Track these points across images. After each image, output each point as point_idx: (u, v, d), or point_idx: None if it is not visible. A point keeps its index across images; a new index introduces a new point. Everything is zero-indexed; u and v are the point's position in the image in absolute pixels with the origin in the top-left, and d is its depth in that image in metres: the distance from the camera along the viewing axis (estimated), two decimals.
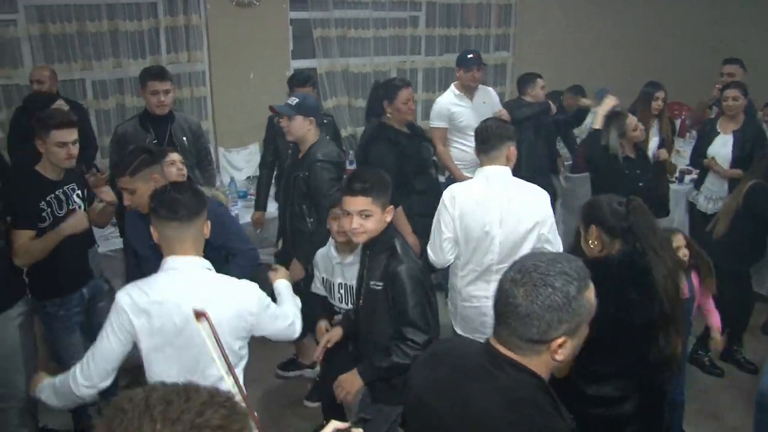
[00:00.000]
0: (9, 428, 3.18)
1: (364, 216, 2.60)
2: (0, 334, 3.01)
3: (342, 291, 3.29)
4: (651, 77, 5.35)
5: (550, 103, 5.36)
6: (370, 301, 2.75)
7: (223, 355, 1.94)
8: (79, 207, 3.31)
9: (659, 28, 7.84)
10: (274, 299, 2.57)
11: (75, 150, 3.16)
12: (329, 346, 3.03)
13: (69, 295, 3.30)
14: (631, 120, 4.21)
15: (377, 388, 2.79)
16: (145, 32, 5.46)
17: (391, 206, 2.67)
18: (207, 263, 2.34)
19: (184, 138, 4.16)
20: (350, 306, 3.27)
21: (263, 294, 2.43)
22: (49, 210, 3.15)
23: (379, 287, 2.67)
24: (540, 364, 1.55)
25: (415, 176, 4.07)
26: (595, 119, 4.37)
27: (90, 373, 2.22)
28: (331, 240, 3.36)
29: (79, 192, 3.35)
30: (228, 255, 3.07)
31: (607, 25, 7.65)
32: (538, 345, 1.52)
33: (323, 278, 3.39)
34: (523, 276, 1.51)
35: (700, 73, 6.88)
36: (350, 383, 2.71)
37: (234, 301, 2.29)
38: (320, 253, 3.43)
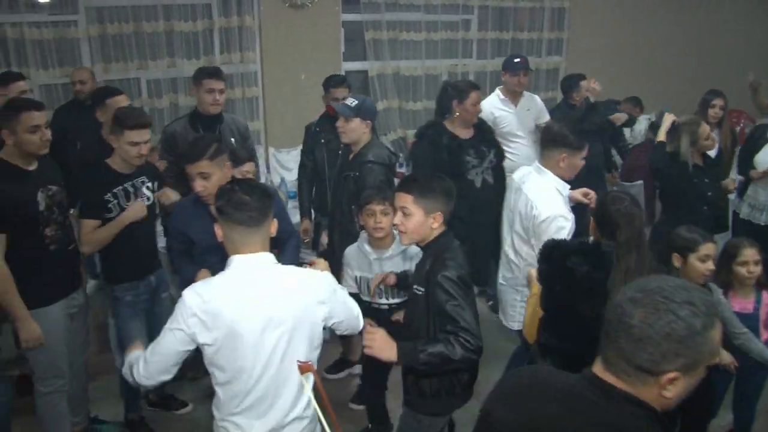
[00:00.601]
0: (59, 414, 3.25)
1: (405, 214, 2.56)
2: (50, 322, 3.06)
3: (381, 286, 3.28)
4: (711, 85, 5.18)
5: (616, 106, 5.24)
6: (411, 305, 2.70)
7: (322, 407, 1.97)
8: (148, 199, 3.38)
9: (719, 33, 7.62)
10: None
11: (146, 149, 3.25)
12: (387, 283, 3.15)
13: (138, 281, 3.38)
14: (704, 129, 4.05)
15: (408, 391, 2.73)
16: (199, 33, 5.55)
17: (439, 213, 2.57)
18: (272, 258, 2.25)
19: (233, 139, 4.16)
20: (391, 299, 3.32)
21: (331, 279, 2.36)
22: (115, 201, 3.23)
23: (420, 292, 2.58)
24: (649, 397, 1.40)
25: (452, 179, 3.97)
26: (659, 133, 4.27)
27: (150, 370, 2.20)
28: (363, 236, 3.37)
29: (149, 184, 3.42)
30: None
31: (664, 30, 7.46)
32: (647, 375, 1.38)
33: (357, 276, 3.38)
34: (644, 296, 1.38)
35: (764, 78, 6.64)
36: (382, 345, 2.38)
37: (304, 294, 2.21)
38: (351, 250, 3.42)
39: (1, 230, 2.88)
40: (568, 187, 3.36)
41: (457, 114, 4.14)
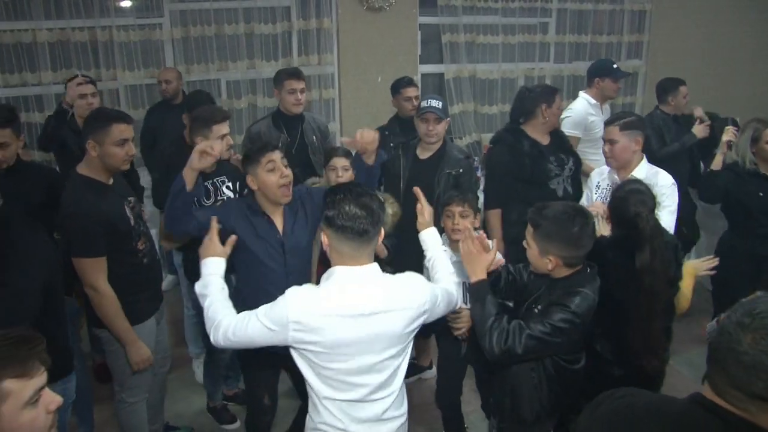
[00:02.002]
0: (141, 422, 3.25)
1: (527, 245, 2.52)
2: (145, 337, 3.00)
3: (460, 288, 3.19)
4: None
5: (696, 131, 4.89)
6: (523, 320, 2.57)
7: None
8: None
9: None
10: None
11: (227, 143, 3.25)
12: None
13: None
14: None
15: (504, 418, 2.64)
16: (278, 35, 5.61)
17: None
18: (377, 269, 2.16)
19: (314, 137, 4.22)
20: (465, 304, 3.17)
21: (430, 285, 2.28)
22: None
23: (537, 311, 2.45)
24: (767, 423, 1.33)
25: (530, 186, 3.85)
26: (714, 161, 4.18)
27: (231, 341, 2.16)
28: (444, 237, 3.28)
29: (230, 184, 3.42)
30: None
31: (750, 33, 7.17)
32: (764, 402, 1.30)
33: None
34: (753, 321, 1.31)
35: None
36: (473, 258, 2.46)
37: (408, 305, 2.15)
38: None
39: (101, 252, 2.76)
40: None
41: (546, 119, 3.99)
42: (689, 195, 4.87)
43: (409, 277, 2.27)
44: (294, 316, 2.03)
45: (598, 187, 3.63)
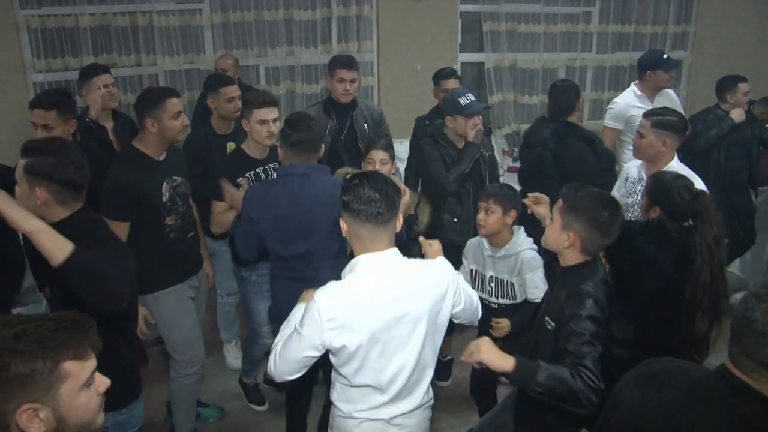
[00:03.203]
0: (194, 399, 3.39)
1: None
2: (165, 305, 3.13)
3: (493, 284, 3.23)
4: None
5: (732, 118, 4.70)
6: (538, 334, 2.49)
7: None
8: None
9: None
10: None
11: (275, 128, 3.28)
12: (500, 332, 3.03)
13: (259, 263, 3.38)
14: None
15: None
16: (318, 21, 5.57)
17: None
18: (398, 253, 2.16)
19: (365, 125, 4.20)
20: (501, 299, 3.23)
21: (451, 268, 2.32)
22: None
23: (551, 327, 2.35)
24: None
25: (605, 174, 3.87)
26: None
27: (278, 369, 2.14)
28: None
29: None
30: None
31: None
32: None
33: (473, 270, 3.31)
34: None
35: None
36: (490, 354, 2.14)
37: (434, 286, 2.19)
38: (472, 242, 3.36)
39: (123, 218, 2.90)
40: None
41: (579, 111, 4.07)
42: (749, 195, 4.73)
43: (431, 261, 2.34)
44: (326, 314, 2.03)
45: (626, 178, 3.55)
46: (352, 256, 2.19)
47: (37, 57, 4.92)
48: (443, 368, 4.04)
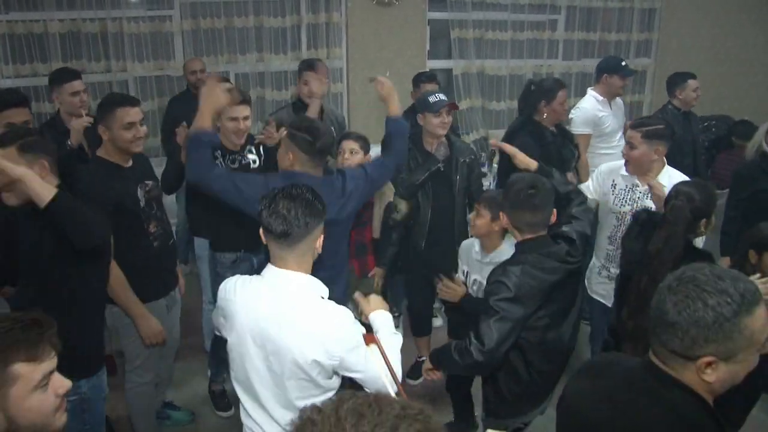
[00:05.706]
0: (151, 404, 3.41)
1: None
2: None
3: (475, 287, 3.22)
4: None
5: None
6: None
7: (391, 373, 1.98)
8: (254, 162, 3.60)
9: None
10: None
11: (245, 125, 3.43)
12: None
13: (240, 251, 3.54)
14: None
15: (488, 400, 2.79)
16: (288, 28, 5.63)
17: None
18: (306, 281, 2.07)
19: (332, 128, 4.23)
20: (461, 275, 3.32)
21: (355, 332, 2.07)
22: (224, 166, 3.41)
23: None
24: (693, 381, 1.48)
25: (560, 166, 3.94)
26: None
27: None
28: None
29: (252, 149, 3.63)
30: None
31: (763, 32, 7.14)
32: (684, 360, 1.47)
33: (464, 270, 3.35)
34: (678, 284, 1.47)
35: None
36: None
37: (312, 337, 1.99)
38: (466, 243, 3.40)
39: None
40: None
41: (545, 116, 4.06)
42: None
43: (333, 310, 2.07)
44: (222, 298, 2.20)
45: (614, 186, 3.55)
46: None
47: (5, 62, 4.93)
48: (415, 368, 4.13)
